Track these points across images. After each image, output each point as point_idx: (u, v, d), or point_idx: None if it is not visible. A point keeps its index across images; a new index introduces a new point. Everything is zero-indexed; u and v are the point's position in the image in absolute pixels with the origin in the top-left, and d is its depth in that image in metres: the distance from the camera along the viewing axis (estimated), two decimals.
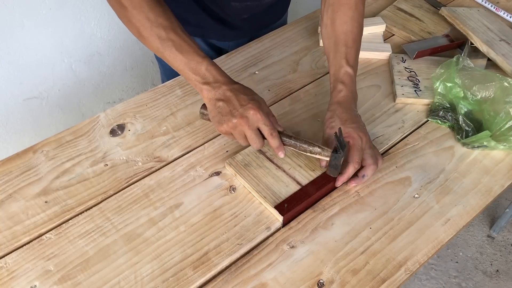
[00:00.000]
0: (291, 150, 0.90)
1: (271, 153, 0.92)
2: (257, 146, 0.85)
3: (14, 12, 1.41)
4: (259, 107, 0.82)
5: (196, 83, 0.85)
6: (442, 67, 1.05)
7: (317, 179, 0.89)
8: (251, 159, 0.92)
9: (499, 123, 0.96)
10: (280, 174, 0.90)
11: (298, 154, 0.91)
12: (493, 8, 1.34)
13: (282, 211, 0.84)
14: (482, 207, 0.89)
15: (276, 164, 0.91)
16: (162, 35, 0.83)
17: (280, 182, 0.88)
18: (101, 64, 1.72)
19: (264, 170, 0.90)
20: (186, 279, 0.77)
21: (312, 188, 0.87)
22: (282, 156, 0.86)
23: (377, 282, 0.78)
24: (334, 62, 0.96)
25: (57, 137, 0.97)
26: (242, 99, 0.83)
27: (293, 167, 0.90)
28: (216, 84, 0.84)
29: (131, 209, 0.86)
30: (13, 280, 0.76)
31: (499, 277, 1.89)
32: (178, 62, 0.85)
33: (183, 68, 0.85)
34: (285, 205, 0.85)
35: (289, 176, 0.89)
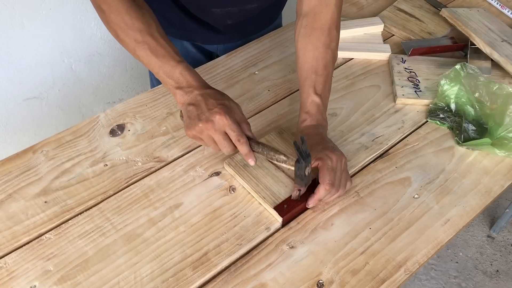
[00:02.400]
0: (288, 152, 0.89)
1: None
2: (227, 150, 0.81)
3: (14, 12, 1.41)
4: (227, 112, 0.79)
5: (170, 87, 0.84)
6: (451, 71, 1.04)
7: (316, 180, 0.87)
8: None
9: (503, 130, 0.96)
10: (280, 175, 0.89)
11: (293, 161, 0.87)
12: (498, 6, 1.34)
13: (281, 212, 0.84)
14: (482, 208, 0.90)
15: (275, 164, 0.90)
16: (138, 38, 0.83)
17: (279, 183, 0.88)
18: (101, 64, 1.72)
19: (263, 170, 0.90)
20: (185, 279, 0.77)
21: (311, 189, 0.86)
22: (252, 164, 0.83)
23: (376, 283, 0.78)
24: (302, 90, 0.94)
25: (57, 137, 0.97)
26: (211, 103, 0.80)
27: (292, 168, 0.88)
28: (189, 88, 0.82)
29: (130, 209, 0.86)
30: (13, 280, 0.76)
31: (499, 277, 1.89)
32: (153, 65, 0.84)
33: (158, 71, 0.84)
34: (285, 206, 0.85)
35: (288, 177, 0.89)
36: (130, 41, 0.84)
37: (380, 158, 0.97)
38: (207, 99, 0.81)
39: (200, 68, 1.12)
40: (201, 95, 0.81)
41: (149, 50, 0.83)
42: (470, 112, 1.02)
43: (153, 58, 0.83)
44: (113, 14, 0.84)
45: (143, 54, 0.84)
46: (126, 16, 0.83)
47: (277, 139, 0.95)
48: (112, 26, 0.86)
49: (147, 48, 0.83)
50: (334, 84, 1.11)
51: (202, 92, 0.82)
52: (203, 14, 1.08)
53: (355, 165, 0.95)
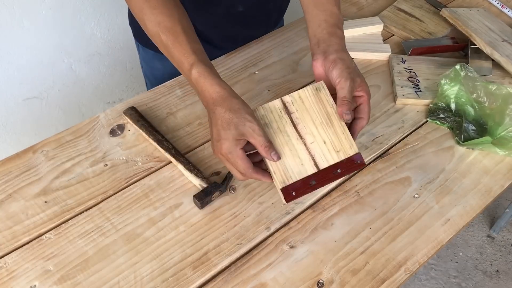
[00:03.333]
0: (319, 118, 0.79)
1: (297, 116, 0.79)
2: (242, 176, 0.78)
3: (14, 12, 1.41)
4: (231, 159, 0.75)
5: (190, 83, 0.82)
6: (451, 71, 1.04)
7: (337, 164, 0.77)
8: (273, 118, 0.79)
9: (503, 129, 0.96)
10: (299, 148, 0.77)
11: (327, 126, 0.79)
12: (498, 5, 1.34)
13: (287, 196, 0.75)
14: (482, 207, 0.90)
15: (299, 132, 0.78)
16: (155, 30, 0.81)
17: (296, 158, 0.77)
18: (101, 64, 1.72)
19: (283, 137, 0.78)
20: (185, 279, 0.77)
21: (329, 174, 0.77)
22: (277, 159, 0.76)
23: (377, 282, 0.78)
24: (323, 7, 0.88)
25: (57, 137, 0.97)
26: (220, 138, 0.75)
27: (316, 141, 0.78)
28: (202, 99, 0.79)
29: (130, 209, 0.86)
30: (13, 280, 0.76)
31: (499, 277, 1.89)
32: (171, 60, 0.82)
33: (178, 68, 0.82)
34: (293, 193, 0.75)
35: (308, 153, 0.77)
36: (152, 28, 0.82)
37: (380, 158, 0.97)
38: (223, 122, 0.75)
39: None
40: (212, 116, 0.77)
41: (164, 47, 0.81)
42: (470, 112, 1.02)
43: (169, 56, 0.81)
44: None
45: (160, 47, 0.82)
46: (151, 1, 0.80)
47: (311, 97, 0.81)
48: (133, 8, 0.83)
49: (163, 45, 0.81)
50: None
51: (211, 113, 0.77)
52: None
53: None
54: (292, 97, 0.80)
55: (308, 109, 0.80)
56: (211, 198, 0.86)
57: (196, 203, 0.86)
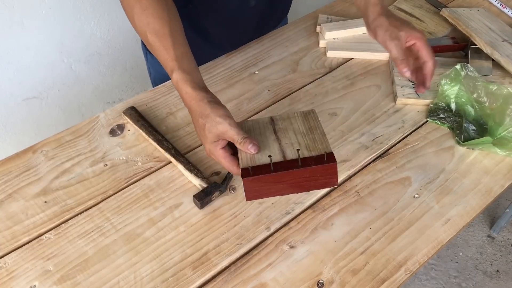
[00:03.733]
0: (301, 130, 0.82)
1: (280, 127, 0.83)
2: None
3: (14, 12, 1.41)
4: (212, 151, 0.80)
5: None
6: (451, 71, 1.04)
7: (305, 159, 0.76)
8: (257, 127, 0.83)
9: (503, 129, 0.96)
10: (273, 146, 0.79)
11: (306, 135, 0.80)
12: (499, 5, 1.34)
13: (244, 174, 0.75)
14: (482, 207, 0.89)
15: (278, 137, 0.81)
16: (145, 30, 0.83)
17: (266, 151, 0.78)
18: (101, 64, 1.72)
19: (260, 137, 0.81)
20: (185, 279, 0.77)
21: (294, 163, 0.75)
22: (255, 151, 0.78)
23: (377, 282, 0.78)
24: None
25: (57, 137, 0.97)
26: (202, 135, 0.80)
27: (292, 143, 0.80)
28: (184, 100, 0.82)
29: (130, 209, 0.86)
30: (13, 280, 0.76)
31: (499, 277, 1.89)
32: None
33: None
34: (250, 172, 0.75)
35: (280, 149, 0.79)
36: (140, 27, 0.84)
37: (380, 158, 0.96)
38: (199, 128, 0.80)
39: (200, 67, 1.12)
40: (193, 120, 0.81)
41: (150, 48, 0.83)
42: (470, 112, 1.02)
43: (155, 56, 0.84)
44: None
45: (147, 46, 0.84)
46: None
47: (299, 118, 0.84)
48: (124, 5, 0.85)
49: (149, 45, 0.83)
50: (334, 84, 1.11)
51: (192, 116, 0.81)
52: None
53: (355, 165, 0.95)
54: (281, 116, 0.85)
55: (293, 124, 0.83)
56: (211, 198, 0.86)
57: (196, 203, 0.86)
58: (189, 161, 0.91)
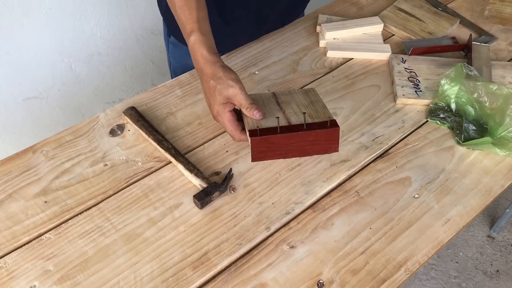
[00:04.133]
0: (303, 103, 0.89)
1: (283, 100, 0.90)
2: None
3: (14, 12, 1.41)
4: (220, 116, 0.87)
5: None
6: (451, 71, 1.04)
7: (309, 124, 0.83)
8: (261, 99, 0.90)
9: (503, 129, 0.96)
10: (278, 114, 0.87)
11: (308, 106, 0.88)
12: None
13: (252, 135, 0.81)
14: (482, 207, 0.89)
15: (281, 107, 0.88)
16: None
17: (272, 117, 0.85)
18: (101, 64, 1.72)
19: (265, 107, 0.88)
20: (185, 279, 0.77)
21: (299, 127, 0.83)
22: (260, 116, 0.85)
23: (377, 282, 0.78)
24: None
25: (57, 137, 0.97)
26: (212, 100, 0.87)
27: (295, 112, 0.87)
28: (196, 66, 0.88)
29: (130, 209, 0.86)
30: (13, 280, 0.76)
31: (499, 277, 1.89)
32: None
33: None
34: (259, 134, 0.81)
35: (285, 116, 0.86)
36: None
37: (380, 158, 0.96)
38: (209, 90, 0.86)
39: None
40: (202, 84, 0.88)
41: (173, 7, 0.88)
42: (470, 112, 1.02)
43: (176, 16, 0.89)
44: None
45: (171, 5, 0.90)
46: None
47: (299, 93, 0.93)
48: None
49: (173, 4, 0.88)
50: (334, 84, 1.11)
51: (201, 81, 0.88)
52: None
53: (355, 165, 0.95)
54: (283, 92, 0.93)
55: (295, 98, 0.90)
56: (211, 198, 0.86)
57: (196, 203, 0.85)
58: (189, 161, 0.91)
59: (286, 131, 0.82)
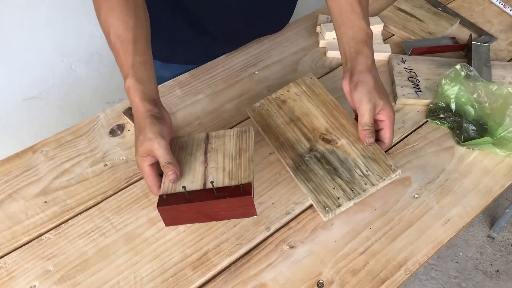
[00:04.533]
0: (230, 152, 0.83)
1: (212, 147, 0.84)
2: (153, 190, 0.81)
3: (14, 12, 1.41)
4: (141, 168, 0.81)
5: None
6: (451, 71, 1.04)
7: (223, 188, 0.76)
8: (192, 144, 0.86)
9: (503, 130, 0.96)
10: (198, 170, 0.81)
11: (234, 159, 0.82)
12: (500, 5, 1.34)
13: (160, 203, 0.76)
14: (482, 208, 0.89)
15: (206, 159, 0.82)
16: (108, 31, 0.84)
17: (190, 176, 0.80)
18: (101, 64, 1.72)
19: (190, 158, 0.83)
20: (185, 279, 0.77)
21: (210, 193, 0.76)
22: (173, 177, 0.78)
23: (377, 282, 0.78)
24: (350, 23, 0.90)
25: (57, 137, 0.97)
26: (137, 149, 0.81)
27: (217, 167, 0.81)
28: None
29: (130, 209, 0.86)
30: (13, 280, 0.76)
31: (499, 277, 1.89)
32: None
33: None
34: (166, 201, 0.76)
35: (203, 175, 0.80)
36: (105, 26, 0.84)
37: None
38: (135, 139, 0.81)
39: (200, 67, 1.12)
40: (135, 128, 0.82)
41: (111, 48, 0.84)
42: (470, 112, 1.02)
43: (114, 56, 0.84)
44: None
45: (109, 44, 0.85)
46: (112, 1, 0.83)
47: (233, 136, 0.86)
48: (93, 2, 0.86)
49: (111, 46, 0.84)
50: (334, 84, 1.11)
51: (135, 126, 0.82)
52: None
53: None
54: (217, 133, 0.86)
55: (225, 144, 0.84)
56: None
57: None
58: None
59: (196, 198, 0.75)
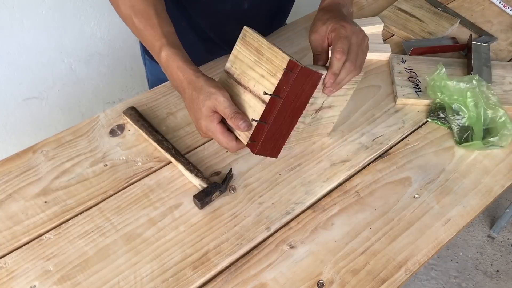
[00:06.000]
0: (251, 60, 0.79)
1: (238, 73, 0.81)
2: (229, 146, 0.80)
3: (14, 12, 1.41)
4: (208, 128, 0.79)
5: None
6: (438, 72, 1.04)
7: (278, 87, 0.74)
8: (224, 86, 0.82)
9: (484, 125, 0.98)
10: (248, 98, 0.78)
11: (259, 61, 0.78)
12: (501, 5, 1.34)
13: (252, 148, 0.76)
14: (482, 208, 0.89)
15: (243, 85, 0.80)
16: (129, 12, 0.83)
17: (248, 108, 0.78)
18: (101, 64, 1.72)
19: (234, 98, 0.80)
20: (185, 279, 0.77)
21: (275, 102, 0.74)
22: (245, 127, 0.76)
23: (377, 283, 0.78)
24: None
25: (57, 137, 0.97)
26: (195, 111, 0.79)
27: (257, 80, 0.77)
28: (173, 80, 0.82)
29: (130, 209, 0.86)
30: (13, 280, 0.76)
31: (499, 277, 1.89)
32: (143, 42, 0.84)
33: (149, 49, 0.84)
34: (254, 142, 0.75)
35: (255, 96, 0.77)
36: (125, 10, 0.84)
37: (380, 158, 0.96)
38: (192, 103, 0.79)
39: (200, 67, 1.12)
40: (184, 99, 0.81)
41: (136, 30, 0.83)
42: (469, 114, 1.02)
43: (141, 38, 0.84)
44: None
45: (133, 30, 0.84)
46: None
47: (241, 48, 0.82)
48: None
49: (135, 28, 0.83)
50: None
51: (183, 96, 0.81)
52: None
53: (355, 165, 0.95)
54: (230, 61, 0.83)
55: (243, 59, 0.80)
56: (211, 198, 0.86)
57: (196, 203, 0.85)
58: (189, 161, 0.91)
59: (270, 115, 0.74)
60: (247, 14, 1.10)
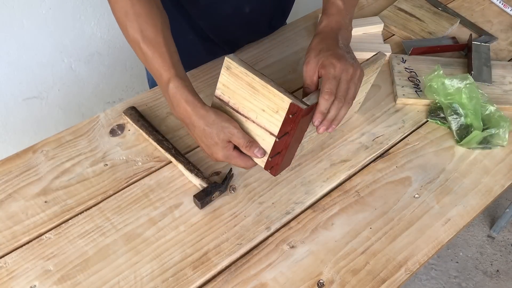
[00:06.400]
0: (246, 92, 0.80)
1: (233, 102, 0.83)
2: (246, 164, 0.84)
3: (14, 12, 1.41)
4: (222, 155, 0.82)
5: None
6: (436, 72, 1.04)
7: (284, 124, 0.78)
8: (221, 110, 0.84)
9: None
10: (252, 127, 0.82)
11: (255, 95, 0.79)
12: (501, 4, 1.34)
13: (272, 171, 0.84)
14: (482, 207, 0.89)
15: (243, 114, 0.82)
16: (137, 38, 0.83)
17: (256, 136, 0.82)
18: (101, 64, 1.72)
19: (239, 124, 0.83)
20: (186, 279, 0.77)
21: (287, 137, 0.79)
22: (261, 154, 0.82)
23: (377, 282, 0.78)
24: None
25: (57, 137, 0.96)
26: (207, 143, 0.82)
27: (258, 113, 0.80)
28: (179, 113, 0.82)
29: (130, 209, 0.86)
30: (13, 280, 0.76)
31: (499, 277, 1.89)
32: (149, 70, 0.85)
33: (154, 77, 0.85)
34: (272, 167, 0.83)
35: (260, 127, 0.81)
36: (133, 35, 0.84)
37: (380, 158, 0.96)
38: (206, 137, 0.81)
39: (200, 67, 1.12)
40: (192, 129, 0.82)
41: (143, 56, 0.83)
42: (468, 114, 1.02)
43: (147, 65, 0.83)
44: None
45: (139, 55, 0.85)
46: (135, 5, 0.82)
47: (229, 78, 0.81)
48: (116, 11, 0.86)
49: (142, 54, 0.83)
50: None
51: (191, 126, 0.82)
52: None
53: (355, 165, 0.95)
54: (219, 88, 0.83)
55: (234, 90, 0.81)
56: (211, 198, 0.86)
57: (196, 203, 0.85)
58: (189, 161, 0.91)
59: (282, 146, 0.80)
60: (248, 17, 1.10)
